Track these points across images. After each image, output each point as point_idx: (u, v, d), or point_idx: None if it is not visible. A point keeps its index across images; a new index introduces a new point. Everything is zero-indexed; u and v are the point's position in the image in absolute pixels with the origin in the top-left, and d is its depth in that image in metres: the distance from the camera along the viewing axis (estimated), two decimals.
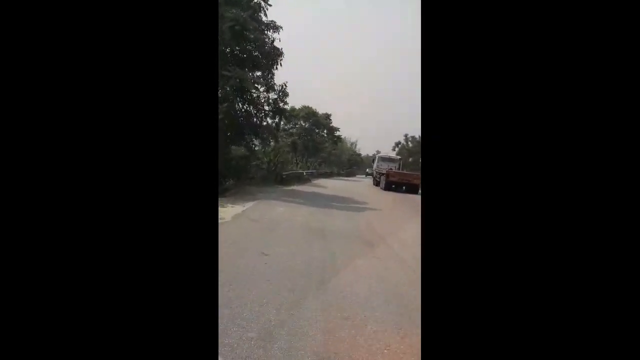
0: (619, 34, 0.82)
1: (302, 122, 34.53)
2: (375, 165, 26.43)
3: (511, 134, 0.87)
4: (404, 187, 19.54)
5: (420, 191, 18.82)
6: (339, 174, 45.85)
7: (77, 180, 0.90)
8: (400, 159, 27.96)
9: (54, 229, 0.89)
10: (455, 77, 0.89)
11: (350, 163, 62.53)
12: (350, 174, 51.68)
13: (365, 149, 71.99)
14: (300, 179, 22.45)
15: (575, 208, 0.84)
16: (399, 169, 24.59)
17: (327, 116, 35.54)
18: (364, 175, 59.81)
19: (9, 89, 0.86)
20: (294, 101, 34.79)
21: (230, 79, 12.07)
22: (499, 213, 0.87)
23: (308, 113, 33.53)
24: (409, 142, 54.06)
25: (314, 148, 35.33)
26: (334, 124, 37.01)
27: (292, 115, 33.91)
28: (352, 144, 67.24)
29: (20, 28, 0.86)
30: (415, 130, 53.96)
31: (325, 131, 36.07)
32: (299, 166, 33.30)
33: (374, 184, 25.08)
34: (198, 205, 0.95)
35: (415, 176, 20.31)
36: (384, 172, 21.62)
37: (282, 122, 35.81)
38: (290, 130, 34.53)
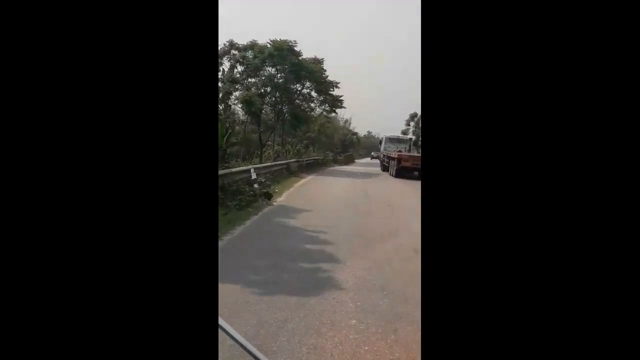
0: (619, 34, 0.83)
1: (269, 67, 18.29)
2: (382, 148, 23.26)
3: (513, 133, 0.87)
4: (415, 173, 16.19)
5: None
6: (335, 160, 30.69)
7: (76, 180, 0.91)
8: (410, 139, 24.32)
9: (53, 230, 0.89)
10: (456, 76, 0.89)
11: (345, 145, 48.38)
12: (349, 159, 36.72)
13: (359, 129, 57.46)
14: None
15: (576, 207, 0.84)
16: (409, 150, 21.36)
17: (318, 61, 19.58)
18: (369, 159, 50.27)
19: (9, 88, 0.87)
20: None
21: None
22: (499, 212, 0.87)
23: (280, 49, 17.21)
24: None
25: (295, 117, 19.65)
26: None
27: (253, 54, 18.07)
28: (345, 121, 53.36)
29: (20, 28, 0.87)
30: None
31: (313, 91, 20.33)
32: (268, 154, 18.06)
33: (382, 170, 21.59)
34: (198, 205, 0.96)
35: None
36: (394, 155, 17.46)
37: (234, 62, 18.79)
38: (249, 82, 18.56)
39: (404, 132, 39.06)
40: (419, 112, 39.42)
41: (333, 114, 24.84)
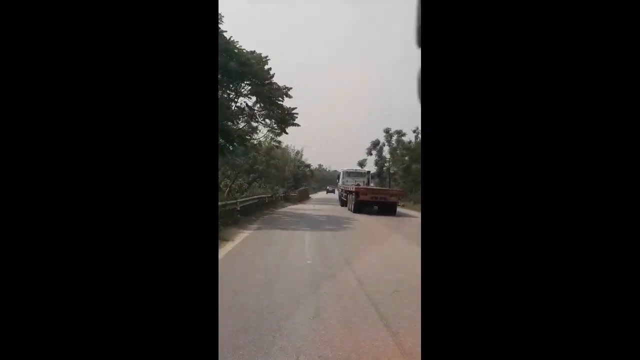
0: (619, 34, 0.82)
1: None
2: (340, 182, 21.71)
3: (513, 133, 0.85)
4: (375, 207, 15.10)
5: (396, 211, 15.15)
6: (287, 198, 24.34)
7: (76, 180, 0.89)
8: (368, 172, 22.47)
9: (54, 230, 0.88)
10: (456, 76, 0.87)
11: (297, 178, 42.77)
12: (303, 195, 30.67)
13: (310, 161, 52.99)
14: None
15: (576, 207, 0.84)
16: (367, 184, 19.93)
17: (259, 56, 12.96)
18: (325, 193, 48.54)
19: (9, 88, 0.86)
20: None
21: None
22: (499, 213, 0.86)
23: None
24: (393, 141, 33.49)
25: (226, 137, 13.00)
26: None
27: None
28: (297, 152, 48.00)
29: (20, 28, 0.86)
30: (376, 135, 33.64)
31: (257, 103, 13.90)
32: None
33: (341, 205, 19.79)
34: (198, 206, 0.94)
35: (392, 192, 16.57)
36: (352, 189, 16.32)
37: None
38: None
39: (361, 164, 35.00)
40: (382, 139, 34.25)
41: (283, 140, 18.44)
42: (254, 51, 13.38)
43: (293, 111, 14.80)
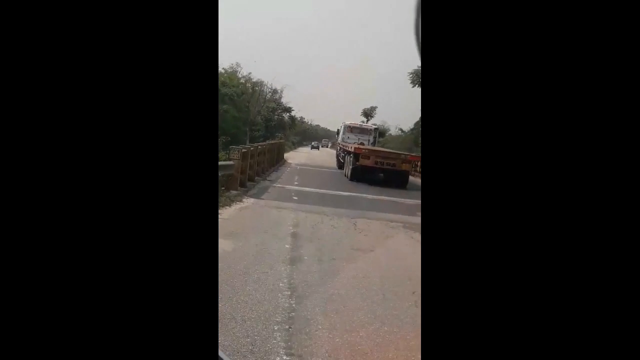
0: (619, 34, 0.83)
1: None
2: (340, 138, 17.45)
3: (514, 133, 0.86)
4: (381, 175, 11.76)
5: (407, 182, 12.06)
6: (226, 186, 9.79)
7: (76, 180, 0.91)
8: (375, 128, 17.86)
9: (53, 230, 0.89)
10: (456, 74, 0.88)
11: (271, 126, 30.58)
12: (273, 158, 16.27)
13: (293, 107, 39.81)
14: None
15: (576, 207, 0.84)
16: (373, 143, 16.25)
17: None
18: (309, 149, 43.29)
19: (9, 89, 0.87)
20: None
21: None
22: (501, 213, 0.87)
23: None
24: None
25: None
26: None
27: None
28: (274, 91, 36.13)
29: (20, 28, 0.86)
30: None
31: None
32: None
33: (337, 167, 16.49)
34: (198, 205, 0.95)
35: (404, 158, 12.14)
36: (351, 149, 12.71)
37: None
38: None
39: (367, 113, 28.38)
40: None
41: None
42: None
43: None
